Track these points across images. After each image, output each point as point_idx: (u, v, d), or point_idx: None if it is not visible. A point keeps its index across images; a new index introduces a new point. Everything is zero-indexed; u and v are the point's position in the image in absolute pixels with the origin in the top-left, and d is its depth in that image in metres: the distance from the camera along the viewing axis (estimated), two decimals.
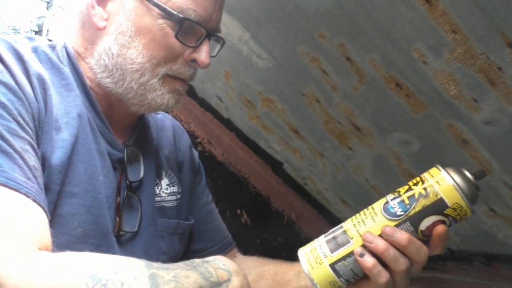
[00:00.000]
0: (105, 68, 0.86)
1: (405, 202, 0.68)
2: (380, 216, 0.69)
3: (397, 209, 0.68)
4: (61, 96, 0.82)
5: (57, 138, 0.79)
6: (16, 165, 0.69)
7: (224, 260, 0.78)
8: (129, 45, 0.84)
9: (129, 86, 0.86)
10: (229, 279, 0.75)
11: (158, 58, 0.84)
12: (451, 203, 0.67)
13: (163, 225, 0.97)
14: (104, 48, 0.85)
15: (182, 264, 0.74)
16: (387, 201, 0.70)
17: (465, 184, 0.67)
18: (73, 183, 0.79)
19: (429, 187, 0.68)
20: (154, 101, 0.87)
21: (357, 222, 0.70)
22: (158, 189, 0.99)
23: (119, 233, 0.87)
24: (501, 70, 0.87)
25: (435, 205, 0.67)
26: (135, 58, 0.84)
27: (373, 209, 0.71)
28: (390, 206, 0.69)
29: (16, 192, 0.67)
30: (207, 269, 0.74)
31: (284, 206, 1.96)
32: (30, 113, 0.75)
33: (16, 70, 0.75)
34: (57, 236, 0.75)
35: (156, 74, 0.85)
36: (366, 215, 0.70)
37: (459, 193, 0.67)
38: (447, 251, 1.39)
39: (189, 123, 2.10)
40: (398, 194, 0.70)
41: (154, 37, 0.84)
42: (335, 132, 1.39)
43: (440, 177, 0.68)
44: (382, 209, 0.69)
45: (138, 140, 0.97)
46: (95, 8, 0.86)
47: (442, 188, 0.67)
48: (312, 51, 1.20)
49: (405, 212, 0.68)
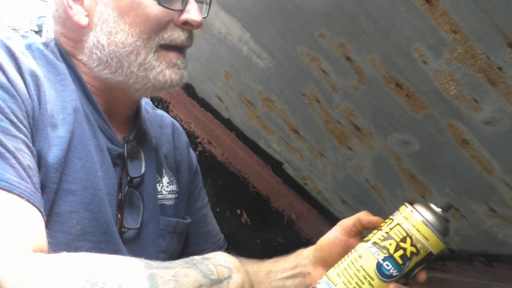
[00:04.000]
0: (99, 61, 0.85)
1: (398, 262, 0.70)
2: (377, 281, 0.70)
3: (392, 270, 0.70)
4: (56, 92, 0.81)
5: (53, 135, 0.77)
6: (9, 165, 0.67)
7: (225, 257, 0.77)
8: (115, 30, 0.83)
9: (129, 71, 0.84)
10: (230, 276, 0.74)
11: (147, 32, 0.83)
12: (437, 251, 0.72)
13: (164, 223, 0.96)
14: (93, 42, 0.84)
15: (181, 262, 0.73)
16: (378, 263, 0.70)
17: (444, 228, 0.72)
18: (70, 181, 0.78)
19: (419, 244, 0.70)
20: (156, 80, 0.85)
21: (353, 287, 0.71)
22: (160, 186, 0.98)
23: (121, 229, 0.86)
24: (501, 70, 0.87)
25: (426, 258, 0.72)
26: (125, 40, 0.83)
27: (365, 271, 0.71)
28: (384, 268, 0.70)
29: (9, 193, 0.66)
30: (207, 266, 0.73)
31: (284, 206, 1.96)
32: (24, 110, 0.73)
33: (9, 67, 0.74)
34: (55, 235, 0.74)
35: (150, 48, 0.84)
36: (361, 279, 0.70)
37: (443, 242, 0.72)
38: (447, 251, 1.39)
39: (189, 123, 2.10)
40: (388, 253, 0.70)
41: (137, 12, 0.82)
42: (335, 132, 1.39)
43: (424, 229, 0.71)
44: (377, 273, 0.70)
45: (138, 136, 0.95)
46: (72, 8, 0.84)
47: (430, 243, 0.71)
48: (312, 51, 1.20)
49: (400, 272, 0.70)
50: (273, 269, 0.98)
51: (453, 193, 1.20)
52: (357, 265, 0.71)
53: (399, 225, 0.72)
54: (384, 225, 0.74)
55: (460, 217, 1.24)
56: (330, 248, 0.86)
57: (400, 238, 0.71)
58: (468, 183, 1.14)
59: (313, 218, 1.89)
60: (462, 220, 1.25)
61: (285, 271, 0.96)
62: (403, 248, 0.70)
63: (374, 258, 0.71)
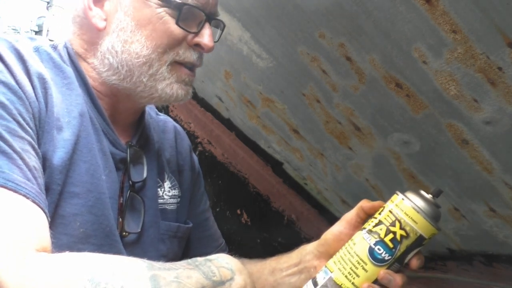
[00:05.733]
0: (109, 67, 0.86)
1: (389, 246, 0.73)
2: (370, 266, 0.73)
3: (384, 254, 0.73)
4: (63, 95, 0.82)
5: (59, 137, 0.78)
6: (16, 166, 0.68)
7: (227, 258, 0.77)
8: (131, 40, 0.84)
9: (138, 80, 0.86)
10: (232, 277, 0.74)
11: (163, 47, 0.85)
12: (428, 235, 0.74)
13: (165, 227, 0.96)
14: (107, 47, 0.85)
15: (184, 263, 0.73)
16: (370, 247, 0.73)
17: (433, 212, 0.74)
18: (74, 183, 0.78)
19: (408, 227, 0.73)
20: (163, 91, 0.86)
21: (348, 272, 0.73)
22: (161, 191, 0.98)
23: (122, 233, 0.86)
24: (501, 70, 0.87)
25: (416, 241, 0.73)
26: (140, 51, 0.84)
27: (359, 257, 0.73)
28: (376, 253, 0.73)
29: (15, 193, 0.66)
30: (210, 268, 0.73)
31: (284, 206, 1.96)
32: (30, 112, 0.74)
33: (17, 69, 0.75)
34: (58, 237, 0.74)
35: (164, 62, 0.85)
36: (355, 264, 0.73)
37: (433, 225, 0.73)
38: (447, 251, 1.39)
39: (189, 123, 2.10)
40: (379, 238, 0.73)
41: (155, 27, 0.84)
42: (335, 132, 1.39)
43: (413, 213, 0.73)
44: (369, 257, 0.73)
45: (141, 141, 0.96)
46: (92, 10, 0.85)
47: (420, 226, 0.73)
48: (312, 51, 1.20)
49: (392, 256, 0.73)
50: (277, 266, 0.98)
51: (453, 193, 1.20)
52: (352, 252, 0.75)
53: (390, 211, 0.75)
54: (377, 213, 0.77)
55: (460, 217, 1.24)
56: (335, 242, 0.87)
57: (390, 223, 0.73)
58: (468, 183, 1.14)
59: (313, 218, 1.89)
60: (462, 220, 1.25)
61: (290, 268, 0.96)
62: (393, 232, 0.73)
63: (367, 243, 0.74)
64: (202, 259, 0.75)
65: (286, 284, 0.95)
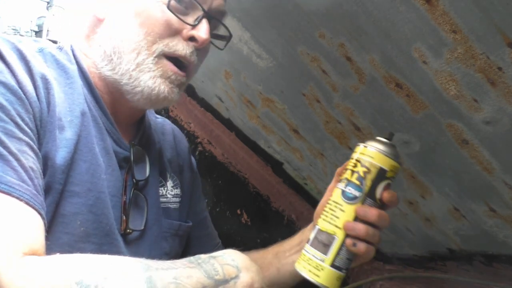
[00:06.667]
0: (104, 56, 0.86)
1: (356, 184, 0.81)
2: (345, 205, 0.81)
3: (355, 192, 0.80)
4: (65, 95, 0.82)
5: (61, 137, 0.78)
6: (10, 168, 0.67)
7: (234, 255, 0.76)
8: (125, 25, 0.85)
9: (125, 69, 0.85)
10: (238, 275, 0.72)
11: (153, 35, 0.84)
12: (388, 167, 0.82)
13: (167, 225, 0.97)
14: (103, 35, 0.87)
15: (186, 262, 0.72)
16: (342, 190, 0.82)
17: (389, 149, 0.82)
18: (75, 183, 0.79)
19: (367, 163, 0.81)
20: (146, 85, 0.84)
21: (330, 218, 0.81)
22: (165, 190, 0.99)
23: (126, 231, 0.86)
24: (501, 70, 0.87)
25: (379, 174, 0.81)
26: (131, 37, 0.84)
27: (335, 202, 0.82)
28: (347, 193, 0.81)
29: (7, 196, 0.66)
30: (213, 266, 0.72)
31: (284, 206, 1.96)
32: (30, 113, 0.74)
33: (18, 69, 0.75)
34: (59, 236, 0.75)
35: (152, 52, 0.84)
36: (333, 209, 0.81)
37: (390, 157, 0.82)
38: (447, 251, 1.39)
39: (189, 123, 2.10)
40: (347, 181, 0.82)
41: (150, 14, 0.84)
42: (335, 132, 1.39)
43: (370, 152, 0.82)
44: (343, 198, 0.81)
45: (143, 141, 0.97)
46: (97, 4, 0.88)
47: (377, 159, 0.81)
48: (312, 51, 1.20)
49: (361, 191, 0.80)
50: (281, 249, 1.01)
51: (453, 193, 1.20)
52: (330, 201, 0.83)
53: (352, 158, 0.84)
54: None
55: (460, 217, 1.24)
56: None
57: (352, 165, 0.83)
58: (468, 183, 1.15)
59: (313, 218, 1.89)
60: (462, 220, 1.25)
61: (293, 248, 1.00)
62: (356, 172, 0.81)
63: (339, 189, 0.83)
64: (206, 256, 0.74)
65: (290, 264, 0.97)
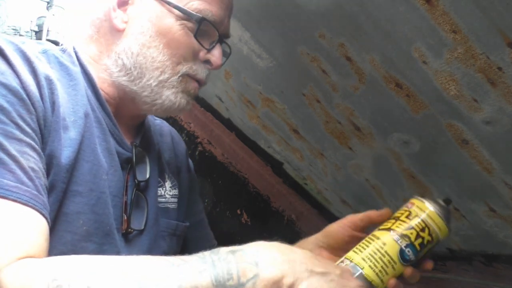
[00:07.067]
0: (122, 67, 0.88)
1: (417, 249, 0.81)
2: (399, 264, 0.80)
3: (411, 256, 0.80)
4: (68, 95, 0.83)
5: (65, 137, 0.79)
6: (7, 171, 0.67)
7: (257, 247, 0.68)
8: (149, 44, 0.87)
9: (146, 84, 0.88)
10: (257, 274, 0.64)
11: (178, 56, 0.88)
12: (444, 238, 0.83)
13: (164, 225, 0.99)
14: (124, 48, 0.88)
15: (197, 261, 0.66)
16: (401, 249, 0.80)
17: (451, 221, 0.82)
18: (78, 182, 0.79)
19: (434, 234, 0.81)
20: (167, 98, 0.89)
21: (379, 270, 0.79)
22: (163, 190, 1.01)
23: (127, 230, 0.87)
24: (501, 70, 0.87)
25: (436, 245, 0.83)
26: (156, 56, 0.87)
27: (390, 257, 0.80)
28: (406, 255, 0.80)
29: (4, 200, 0.66)
30: (228, 266, 0.64)
31: (284, 206, 1.96)
32: (33, 113, 0.74)
33: (22, 70, 0.75)
34: (62, 235, 0.75)
35: (176, 72, 0.89)
36: (386, 264, 0.80)
37: (450, 230, 0.83)
38: (447, 251, 1.39)
39: (189, 123, 2.10)
40: (409, 241, 0.80)
41: (174, 37, 0.87)
42: (335, 132, 1.39)
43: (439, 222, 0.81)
44: (400, 258, 0.80)
45: (143, 142, 0.98)
46: (116, 11, 0.88)
47: (442, 233, 0.82)
48: (312, 51, 1.20)
49: (416, 257, 0.81)
50: None
51: (453, 193, 1.20)
52: (382, 251, 0.80)
53: (417, 217, 0.82)
54: (402, 216, 0.83)
55: (460, 217, 1.24)
56: (338, 236, 0.90)
57: (420, 228, 0.81)
58: (468, 183, 1.15)
59: (313, 218, 1.89)
60: (462, 220, 1.25)
61: None
62: (422, 237, 0.81)
63: (398, 245, 0.80)
64: (225, 252, 0.67)
65: None
